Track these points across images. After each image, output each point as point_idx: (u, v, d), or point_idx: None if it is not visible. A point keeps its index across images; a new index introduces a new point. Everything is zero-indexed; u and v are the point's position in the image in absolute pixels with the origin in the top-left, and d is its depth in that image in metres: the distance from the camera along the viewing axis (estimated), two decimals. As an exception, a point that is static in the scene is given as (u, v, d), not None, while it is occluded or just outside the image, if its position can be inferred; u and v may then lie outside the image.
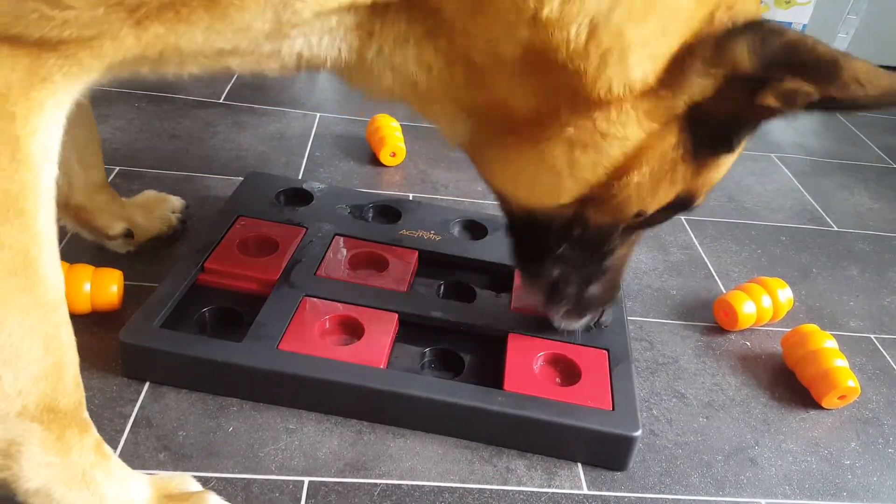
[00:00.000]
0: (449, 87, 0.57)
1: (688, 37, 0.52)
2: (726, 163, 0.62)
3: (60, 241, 0.87)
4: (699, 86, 0.53)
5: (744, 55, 0.51)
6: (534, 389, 0.71)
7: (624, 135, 0.55)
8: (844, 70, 0.50)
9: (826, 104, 0.51)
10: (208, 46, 0.48)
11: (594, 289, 0.70)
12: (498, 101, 0.57)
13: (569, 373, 0.75)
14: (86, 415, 0.54)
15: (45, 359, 0.49)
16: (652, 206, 0.62)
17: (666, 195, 0.61)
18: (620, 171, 0.58)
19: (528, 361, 0.74)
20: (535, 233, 0.66)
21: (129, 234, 0.86)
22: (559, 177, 0.59)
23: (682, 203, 0.63)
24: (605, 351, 0.77)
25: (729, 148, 0.60)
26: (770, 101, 0.52)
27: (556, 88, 0.54)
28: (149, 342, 0.70)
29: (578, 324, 0.73)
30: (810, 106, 0.51)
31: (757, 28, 0.52)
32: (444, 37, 0.54)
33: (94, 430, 0.55)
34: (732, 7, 0.53)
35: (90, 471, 0.53)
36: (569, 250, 0.66)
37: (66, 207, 0.83)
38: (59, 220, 0.83)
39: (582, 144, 0.56)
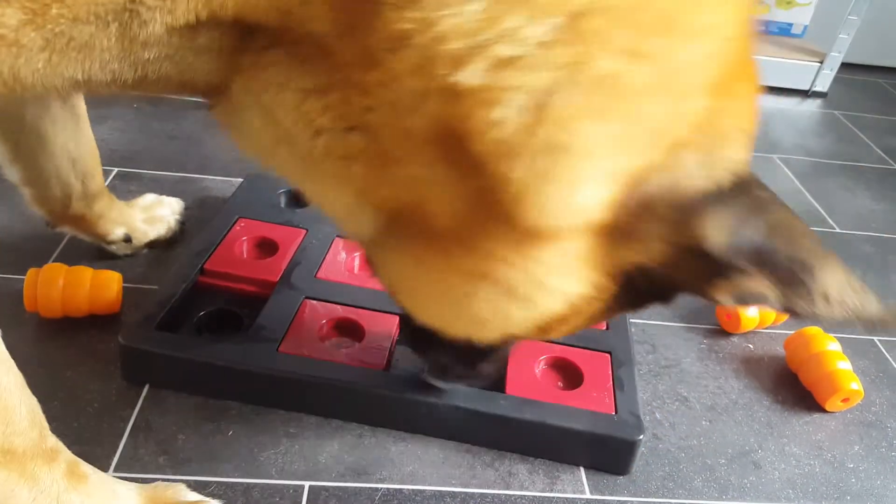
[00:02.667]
0: (344, 162, 0.43)
1: (644, 169, 0.39)
2: None
3: (58, 243, 0.87)
4: (650, 248, 0.42)
5: (715, 234, 0.40)
6: (536, 393, 0.70)
7: (566, 289, 0.44)
8: (817, 283, 0.40)
9: (784, 310, 0.41)
10: (56, 75, 0.40)
11: (490, 368, 0.62)
12: (410, 196, 0.43)
13: (571, 376, 0.75)
14: (51, 443, 0.52)
15: None
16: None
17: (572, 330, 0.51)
18: (548, 326, 0.47)
19: (529, 365, 0.74)
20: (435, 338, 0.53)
21: (128, 239, 0.85)
22: (482, 325, 0.47)
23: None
24: (607, 354, 0.76)
25: (667, 301, 0.49)
26: (721, 295, 0.42)
27: (482, 196, 0.40)
28: (148, 345, 0.70)
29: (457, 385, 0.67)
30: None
31: (741, 197, 0.40)
32: (338, 91, 0.41)
33: (63, 454, 0.53)
34: (711, 150, 0.40)
35: (64, 496, 0.52)
36: (465, 348, 0.54)
37: (65, 217, 0.82)
38: (57, 227, 0.83)
39: (515, 294, 0.44)
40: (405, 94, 0.38)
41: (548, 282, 0.43)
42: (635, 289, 0.45)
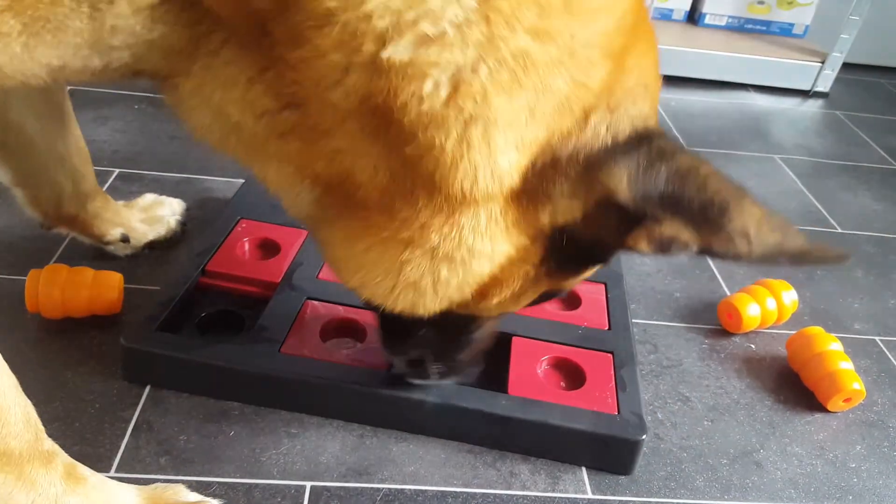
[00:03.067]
0: (282, 139, 0.46)
1: (555, 135, 0.42)
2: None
3: (60, 244, 0.87)
4: (564, 206, 0.44)
5: (621, 184, 0.42)
6: (538, 393, 0.70)
7: (492, 251, 0.46)
8: (733, 221, 0.41)
9: (703, 252, 0.43)
10: (33, 60, 0.41)
11: (461, 356, 0.63)
12: (338, 168, 0.45)
13: (573, 376, 0.75)
14: (47, 445, 0.52)
15: None
16: (516, 308, 0.55)
17: (530, 298, 0.54)
18: (484, 290, 0.49)
19: (532, 365, 0.74)
20: (392, 319, 0.54)
21: (125, 239, 0.85)
22: (422, 293, 0.49)
23: (549, 295, 0.56)
24: (609, 354, 0.76)
25: (603, 261, 0.52)
26: (641, 244, 0.44)
27: (409, 167, 0.43)
28: (150, 346, 0.70)
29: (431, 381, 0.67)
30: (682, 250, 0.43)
31: (642, 147, 0.42)
32: (273, 70, 0.43)
33: (60, 457, 0.53)
34: (615, 109, 0.43)
35: (62, 498, 0.52)
36: (431, 333, 0.58)
37: (59, 218, 0.82)
38: (52, 228, 0.83)
39: (448, 260, 0.46)
40: (329, 69, 0.40)
41: (475, 245, 0.46)
42: (562, 250, 0.47)
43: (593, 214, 0.45)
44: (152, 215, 0.89)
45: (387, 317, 0.55)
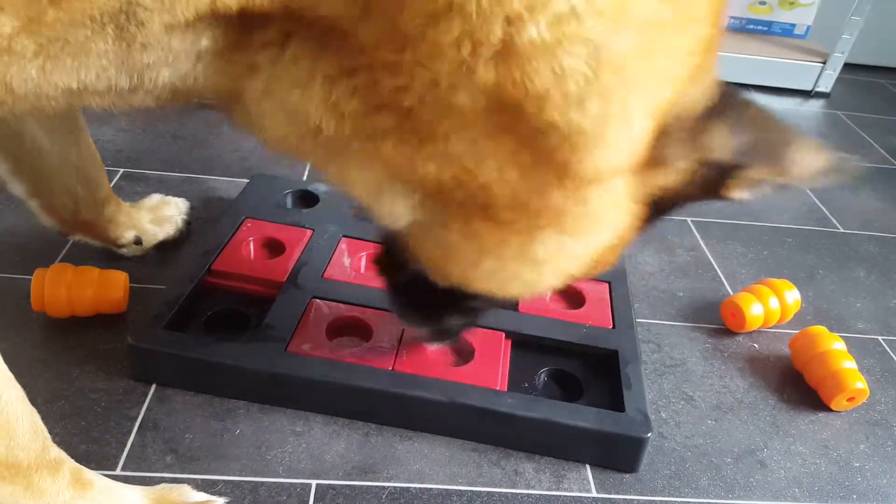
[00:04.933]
0: (372, 143, 0.43)
1: (676, 98, 0.43)
2: None
3: (65, 243, 0.87)
4: (674, 169, 0.46)
5: (722, 141, 0.45)
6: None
7: (616, 220, 0.47)
8: (794, 151, 0.46)
9: (782, 186, 0.47)
10: (49, 84, 0.39)
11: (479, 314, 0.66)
12: (455, 173, 0.43)
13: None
14: (54, 453, 0.52)
15: None
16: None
17: (616, 258, 0.55)
18: (602, 258, 0.50)
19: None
20: (444, 297, 0.56)
21: (138, 241, 0.86)
22: (543, 270, 0.49)
23: None
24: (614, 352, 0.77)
25: (679, 208, 0.54)
26: (734, 192, 0.47)
27: (542, 158, 0.42)
28: (156, 344, 0.70)
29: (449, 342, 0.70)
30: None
31: (730, 105, 0.45)
32: (364, 74, 0.40)
33: (67, 464, 0.53)
34: (711, 69, 0.45)
35: None
36: (474, 303, 0.60)
37: (75, 224, 0.82)
38: (69, 235, 0.84)
39: (577, 233, 0.47)
40: (449, 69, 0.38)
41: (603, 217, 0.47)
42: (659, 208, 0.49)
43: (695, 173, 0.46)
44: (160, 215, 0.89)
45: (444, 297, 0.55)
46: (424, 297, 0.58)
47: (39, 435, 0.51)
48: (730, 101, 0.45)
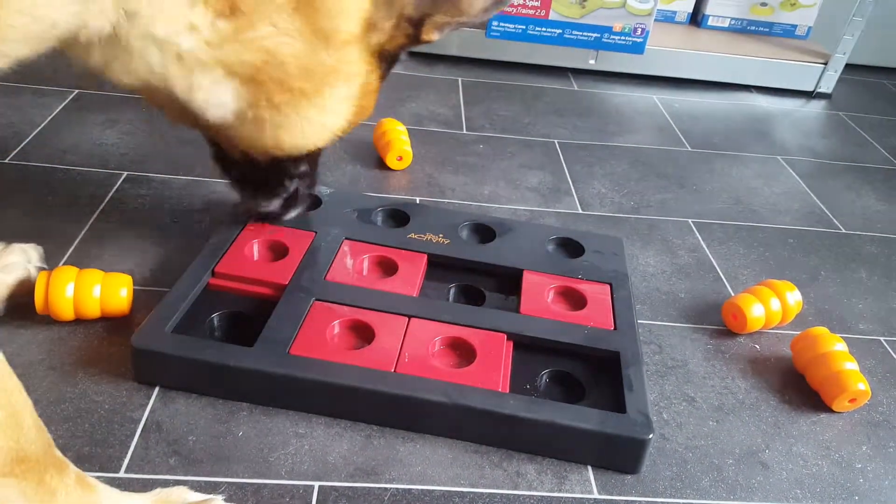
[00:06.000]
0: (215, 47, 0.58)
1: None
2: None
3: (68, 246, 0.88)
4: (385, 28, 0.65)
5: (412, 4, 0.65)
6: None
7: (363, 70, 0.67)
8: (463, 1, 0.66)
9: (460, 25, 0.68)
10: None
11: (311, 178, 0.83)
12: (268, 53, 0.59)
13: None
14: (59, 453, 0.52)
15: None
16: (366, 117, 0.74)
17: (373, 101, 0.73)
18: (364, 99, 0.70)
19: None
20: (275, 168, 0.76)
21: None
22: (334, 117, 0.68)
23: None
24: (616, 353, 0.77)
25: (396, 63, 0.72)
26: (431, 35, 0.68)
27: (317, 31, 0.60)
28: (162, 347, 0.70)
29: (298, 210, 0.85)
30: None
31: None
32: None
33: (71, 466, 0.53)
34: None
35: None
36: (302, 166, 0.78)
37: None
38: None
39: (347, 84, 0.66)
40: None
41: (354, 70, 0.66)
42: (387, 58, 0.70)
43: (396, 28, 0.66)
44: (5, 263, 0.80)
45: (272, 168, 0.75)
46: (257, 174, 0.77)
47: (43, 430, 0.51)
48: None
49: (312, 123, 0.67)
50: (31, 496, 0.49)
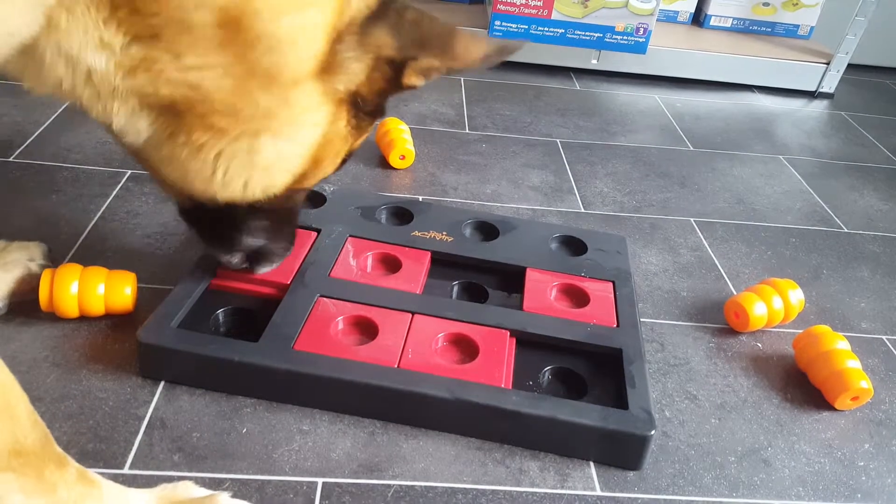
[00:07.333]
0: (129, 72, 0.51)
1: (335, 14, 0.54)
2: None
3: (73, 243, 0.88)
4: (353, 70, 0.58)
5: (387, 39, 0.57)
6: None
7: (319, 119, 0.59)
8: (458, 42, 0.59)
9: (449, 72, 0.60)
10: None
11: (283, 236, 0.74)
12: (187, 88, 0.53)
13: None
14: (58, 449, 0.52)
15: None
16: (335, 168, 0.67)
17: (343, 155, 0.66)
18: (317, 155, 0.62)
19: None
20: (223, 218, 0.66)
21: None
22: (272, 173, 0.59)
23: (345, 160, 0.69)
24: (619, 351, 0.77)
25: (382, 115, 0.66)
26: (413, 79, 0.60)
27: (253, 67, 0.52)
28: (167, 341, 0.70)
29: (271, 266, 0.76)
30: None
31: (389, 8, 0.56)
32: (125, 6, 0.48)
33: (72, 462, 0.53)
34: None
35: (82, 502, 0.51)
36: (258, 221, 0.68)
37: None
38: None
39: (289, 135, 0.58)
40: None
41: (304, 118, 0.58)
42: (361, 106, 0.62)
43: (373, 71, 0.59)
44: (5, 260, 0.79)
45: (209, 223, 0.68)
46: (206, 220, 0.68)
47: (39, 424, 0.50)
48: (387, 7, 0.57)
49: (241, 171, 0.58)
50: (31, 491, 0.48)
